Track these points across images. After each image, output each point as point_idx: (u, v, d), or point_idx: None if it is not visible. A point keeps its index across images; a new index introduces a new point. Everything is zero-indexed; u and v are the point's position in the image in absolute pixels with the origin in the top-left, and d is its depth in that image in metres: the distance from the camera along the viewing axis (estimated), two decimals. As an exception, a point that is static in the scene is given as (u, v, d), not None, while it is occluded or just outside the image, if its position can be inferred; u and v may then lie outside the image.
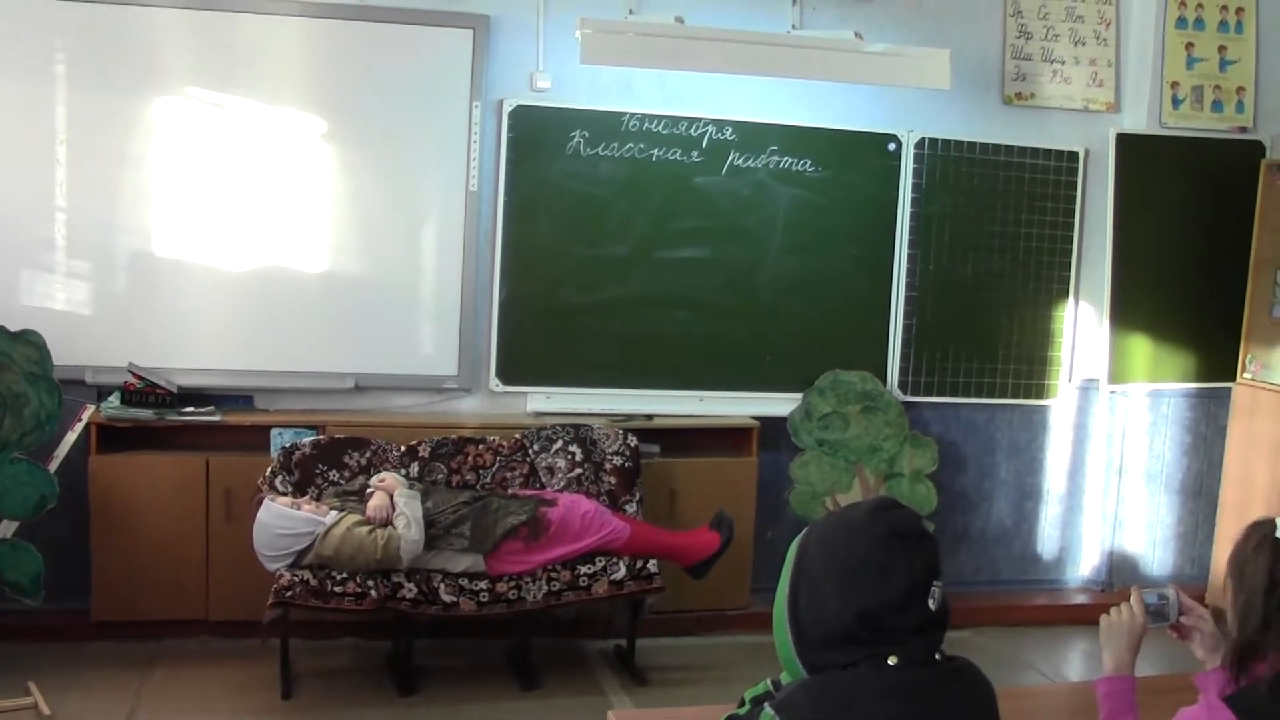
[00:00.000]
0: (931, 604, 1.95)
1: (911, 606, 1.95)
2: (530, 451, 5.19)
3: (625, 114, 5.46)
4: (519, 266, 5.44)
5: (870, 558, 1.97)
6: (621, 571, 4.80)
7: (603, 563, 4.80)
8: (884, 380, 5.83)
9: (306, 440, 5.00)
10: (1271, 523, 2.23)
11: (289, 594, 4.45)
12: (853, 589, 1.96)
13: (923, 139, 5.79)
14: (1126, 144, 6.01)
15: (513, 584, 4.66)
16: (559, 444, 5.21)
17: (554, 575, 4.72)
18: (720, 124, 5.55)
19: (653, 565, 4.86)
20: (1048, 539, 6.23)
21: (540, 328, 5.50)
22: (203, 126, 5.09)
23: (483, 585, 4.63)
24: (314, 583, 4.48)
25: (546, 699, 4.81)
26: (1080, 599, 6.15)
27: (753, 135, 5.59)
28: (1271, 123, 6.16)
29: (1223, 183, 6.07)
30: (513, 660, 5.01)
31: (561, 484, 5.12)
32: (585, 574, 4.77)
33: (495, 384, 5.48)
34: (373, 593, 4.51)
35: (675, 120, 5.51)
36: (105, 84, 5.00)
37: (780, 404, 5.70)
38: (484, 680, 4.93)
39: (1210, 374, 6.17)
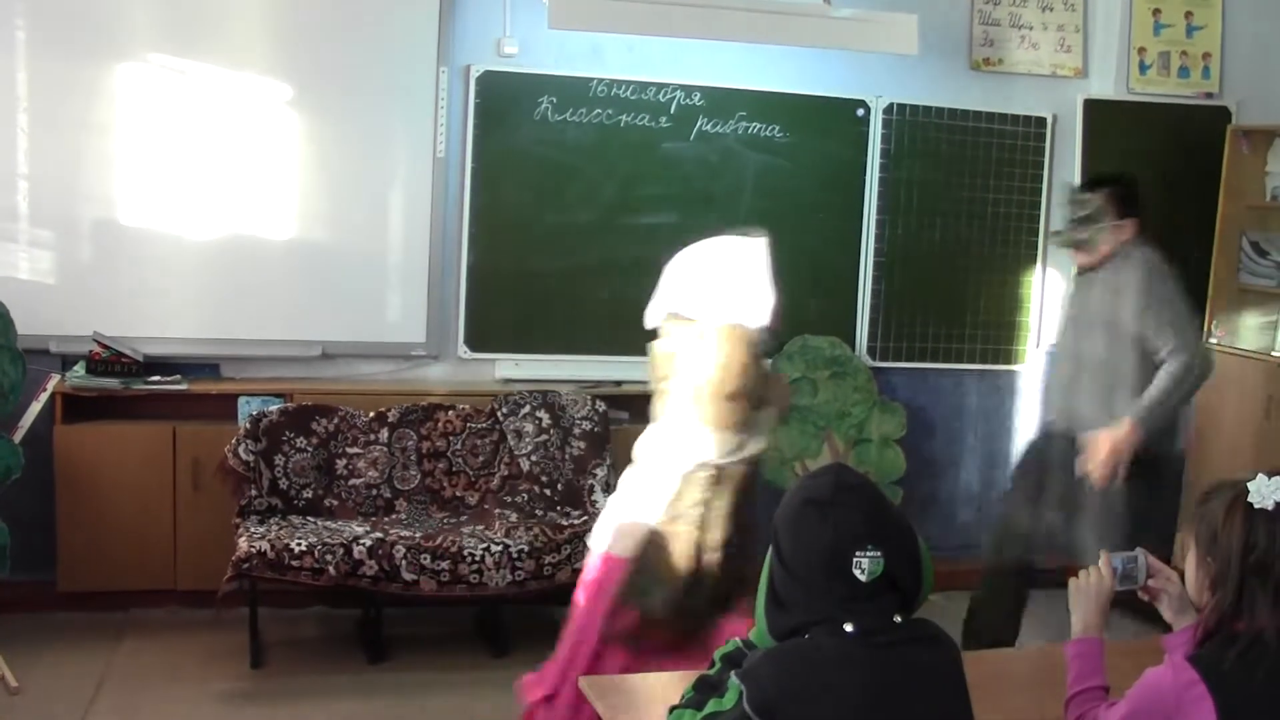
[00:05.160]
0: (858, 574, 1.96)
1: (835, 574, 1.96)
2: (498, 416, 5.19)
3: (593, 79, 5.44)
4: (486, 233, 5.42)
5: (789, 523, 2.03)
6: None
7: (568, 551, 4.77)
8: (853, 346, 5.84)
9: (274, 408, 4.98)
10: (1240, 484, 2.24)
11: (246, 566, 4.45)
12: (785, 552, 2.03)
13: (891, 104, 5.79)
14: (1094, 109, 6.03)
15: (474, 568, 4.64)
16: (527, 409, 5.21)
17: (519, 565, 4.69)
18: (688, 89, 5.54)
19: None
20: (1015, 503, 6.27)
21: (508, 294, 5.49)
22: (167, 93, 5.04)
23: (444, 565, 4.61)
24: (271, 555, 4.47)
25: (516, 666, 4.72)
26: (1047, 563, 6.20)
27: (721, 101, 5.57)
28: (1237, 88, 6.18)
29: (1189, 148, 6.10)
30: (483, 627, 5.03)
31: (529, 448, 5.13)
32: (550, 563, 4.75)
33: (463, 351, 5.47)
34: (330, 569, 4.51)
35: (643, 86, 5.49)
36: (67, 50, 4.94)
37: (749, 370, 5.70)
38: (454, 647, 4.95)
39: (1177, 339, 6.20)
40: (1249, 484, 2.22)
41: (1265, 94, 6.17)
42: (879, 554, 1.97)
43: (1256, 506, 2.21)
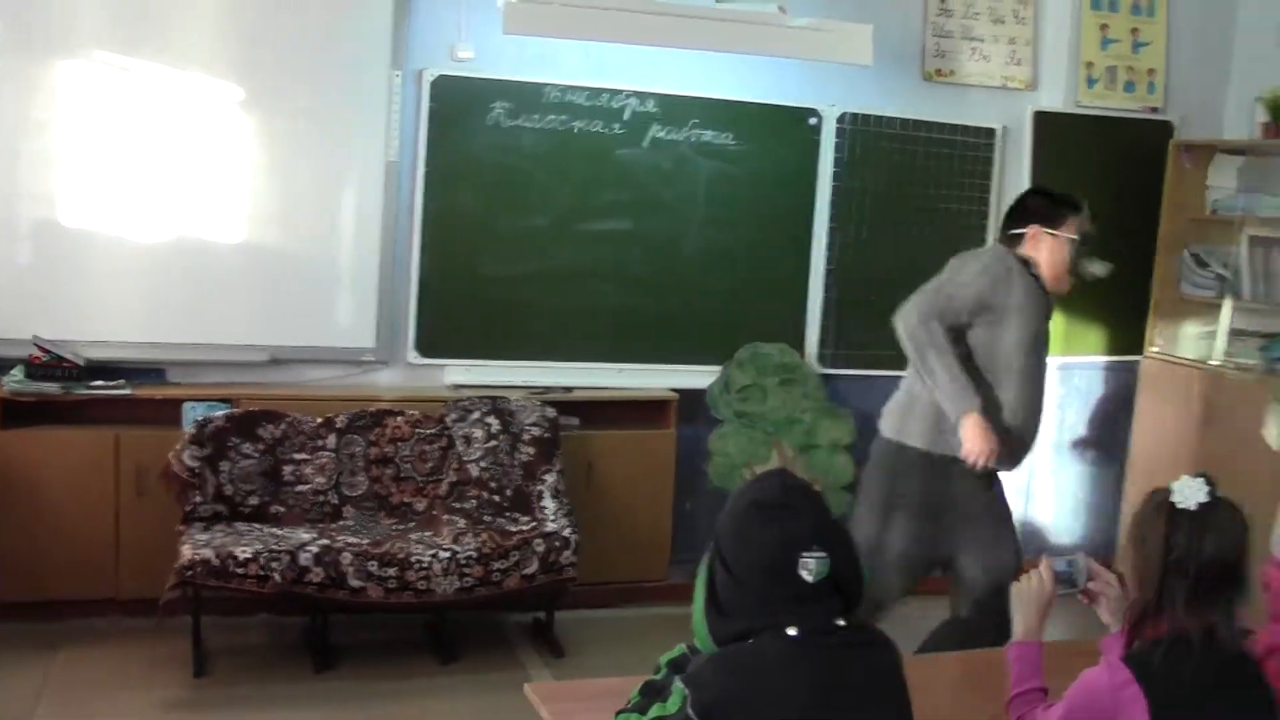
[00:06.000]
0: (805, 575, 1.98)
1: (780, 577, 1.98)
2: (447, 422, 5.16)
3: (547, 85, 5.40)
4: (439, 238, 5.37)
5: (735, 526, 2.04)
6: (534, 566, 4.79)
7: (516, 557, 4.76)
8: (802, 353, 5.87)
9: (220, 414, 4.91)
10: (1168, 487, 2.31)
11: (189, 573, 4.39)
12: (729, 557, 2.04)
13: (844, 114, 5.82)
14: (1043, 121, 6.10)
15: (422, 574, 4.61)
16: (476, 415, 5.19)
17: (466, 571, 4.66)
18: (642, 96, 5.52)
19: (566, 558, 4.85)
20: (960, 510, 6.32)
21: (459, 300, 5.44)
22: (112, 92, 4.93)
23: (392, 572, 4.57)
24: (215, 562, 4.41)
25: (464, 673, 4.81)
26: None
27: (675, 108, 5.57)
28: (1180, 104, 6.30)
29: (1134, 161, 6.19)
30: (431, 634, 5.00)
31: (478, 454, 5.11)
32: (498, 569, 4.72)
33: (413, 356, 5.42)
34: (276, 576, 4.46)
35: (597, 92, 5.47)
36: (6, 46, 4.81)
37: (699, 376, 5.72)
38: (401, 654, 4.91)
39: (1119, 348, 6.31)
40: (1173, 484, 2.30)
41: (1207, 110, 6.31)
42: (825, 555, 1.99)
43: (1179, 507, 2.28)
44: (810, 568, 1.98)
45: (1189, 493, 2.28)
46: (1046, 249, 4.20)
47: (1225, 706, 2.26)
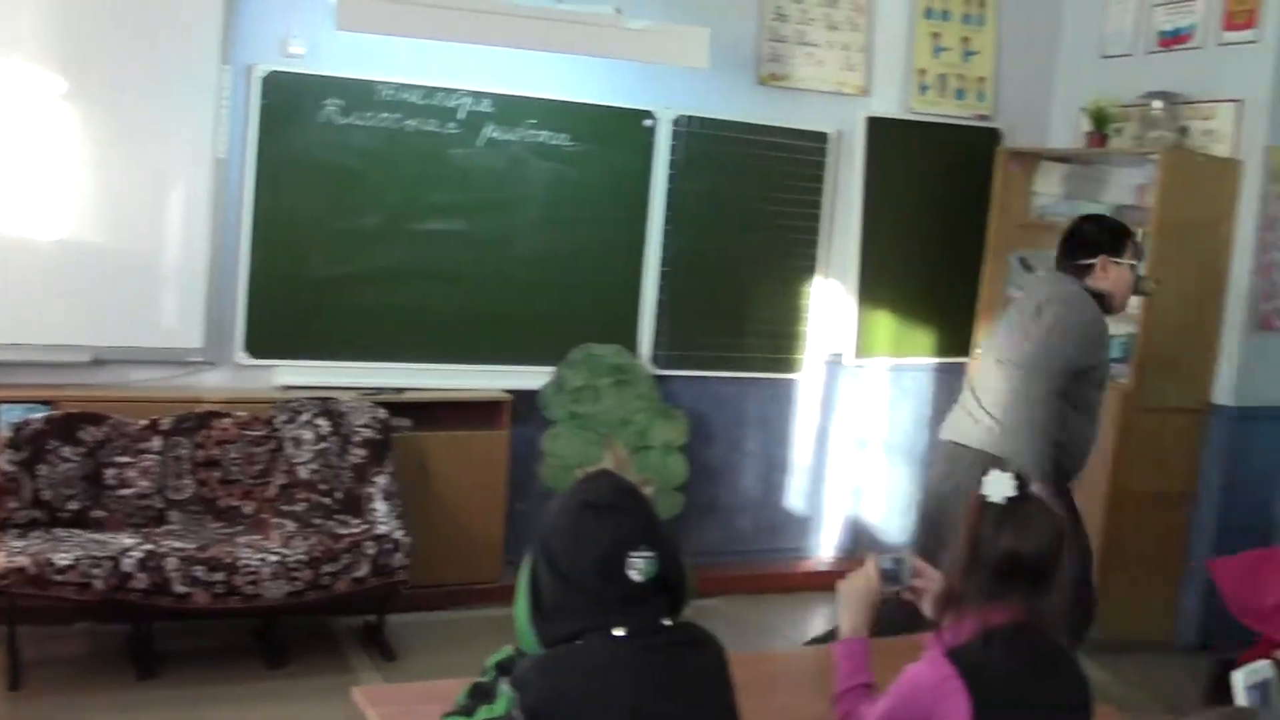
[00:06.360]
0: (634, 575, 2.01)
1: (611, 577, 2.02)
2: (276, 423, 5.10)
3: (380, 83, 5.34)
4: (269, 237, 5.28)
5: (565, 527, 2.06)
6: (365, 569, 4.76)
7: (347, 560, 4.73)
8: (636, 354, 5.91)
9: (38, 416, 4.77)
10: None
11: (4, 582, 4.28)
12: (557, 558, 2.05)
13: (680, 116, 5.86)
14: (875, 127, 6.22)
15: (250, 579, 4.56)
16: (306, 416, 5.14)
17: (296, 575, 4.62)
18: (478, 96, 5.49)
19: (397, 560, 4.84)
20: (793, 509, 6.45)
21: (290, 300, 5.36)
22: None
23: (219, 577, 4.52)
24: (32, 570, 4.30)
25: (293, 678, 4.77)
26: (823, 566, 6.38)
27: (510, 108, 5.55)
28: (1008, 112, 6.48)
29: (963, 167, 6.37)
30: (259, 640, 4.95)
31: (308, 457, 5.06)
32: (328, 573, 4.69)
33: (242, 357, 5.33)
34: (98, 583, 4.37)
35: (432, 91, 5.42)
36: None
37: (532, 377, 5.72)
38: (228, 660, 4.85)
39: (948, 349, 6.48)
40: (984, 479, 2.38)
41: (1033, 118, 6.51)
42: (654, 555, 2.02)
43: (989, 500, 2.36)
44: (639, 567, 2.01)
45: (997, 487, 2.36)
46: (1113, 278, 4.29)
47: (1043, 698, 2.34)
